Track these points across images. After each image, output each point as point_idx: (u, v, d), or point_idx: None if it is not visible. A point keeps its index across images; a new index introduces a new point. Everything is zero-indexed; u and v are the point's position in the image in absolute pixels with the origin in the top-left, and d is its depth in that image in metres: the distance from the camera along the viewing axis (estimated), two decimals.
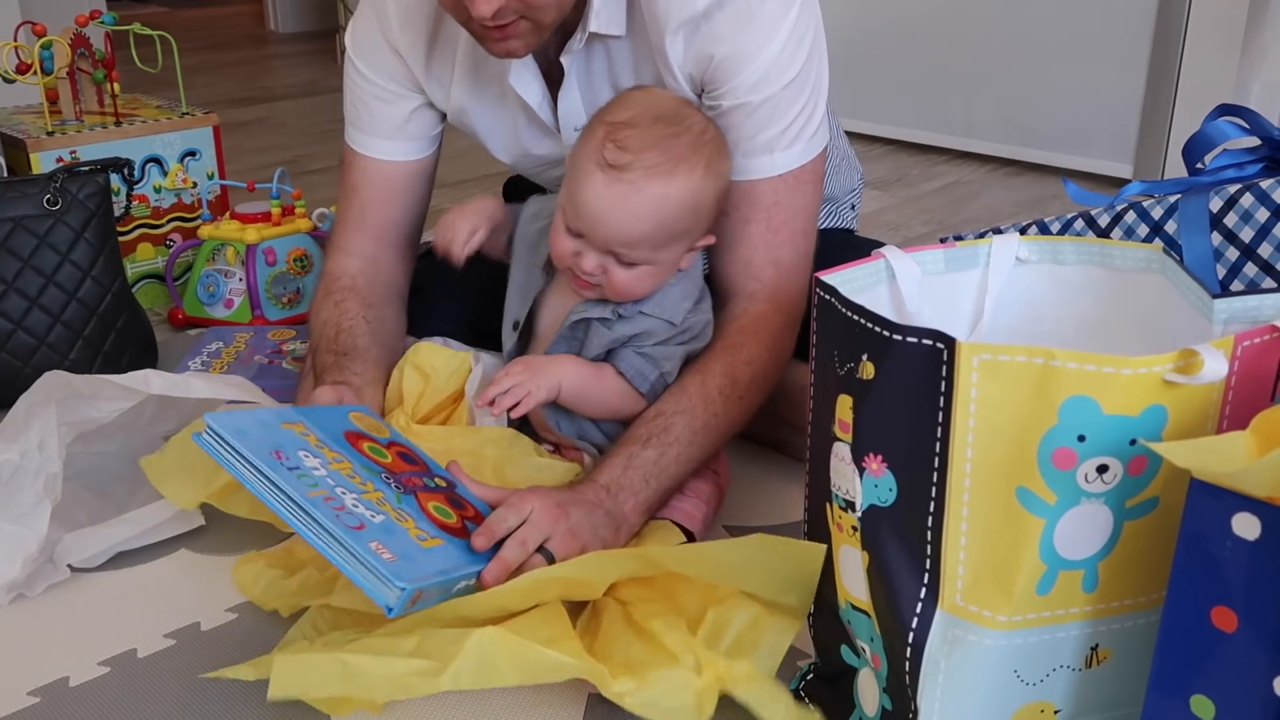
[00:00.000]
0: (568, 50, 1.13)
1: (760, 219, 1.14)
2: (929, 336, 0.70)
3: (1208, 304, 0.77)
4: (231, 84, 3.74)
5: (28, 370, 1.40)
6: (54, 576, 1.08)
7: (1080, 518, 0.69)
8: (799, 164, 1.14)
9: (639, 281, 1.06)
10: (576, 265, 1.05)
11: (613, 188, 1.01)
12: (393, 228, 1.28)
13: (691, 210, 1.03)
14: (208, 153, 1.85)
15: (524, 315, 1.14)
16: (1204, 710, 0.64)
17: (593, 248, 1.04)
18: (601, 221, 1.02)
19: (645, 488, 1.03)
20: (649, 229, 1.02)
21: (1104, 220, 1.15)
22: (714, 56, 1.09)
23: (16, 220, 1.42)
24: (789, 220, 1.15)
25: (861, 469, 0.76)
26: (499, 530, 0.94)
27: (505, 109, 1.22)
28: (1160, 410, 0.67)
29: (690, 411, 1.06)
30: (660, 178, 1.01)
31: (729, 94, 1.11)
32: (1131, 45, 2.38)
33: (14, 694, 0.95)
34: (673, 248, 1.05)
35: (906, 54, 2.71)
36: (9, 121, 1.78)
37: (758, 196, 1.14)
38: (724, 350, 1.11)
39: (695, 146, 1.03)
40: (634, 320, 1.08)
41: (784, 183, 1.14)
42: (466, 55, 1.19)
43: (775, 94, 1.11)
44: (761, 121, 1.11)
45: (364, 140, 1.26)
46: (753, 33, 1.08)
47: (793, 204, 1.15)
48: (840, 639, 0.86)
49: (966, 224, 2.24)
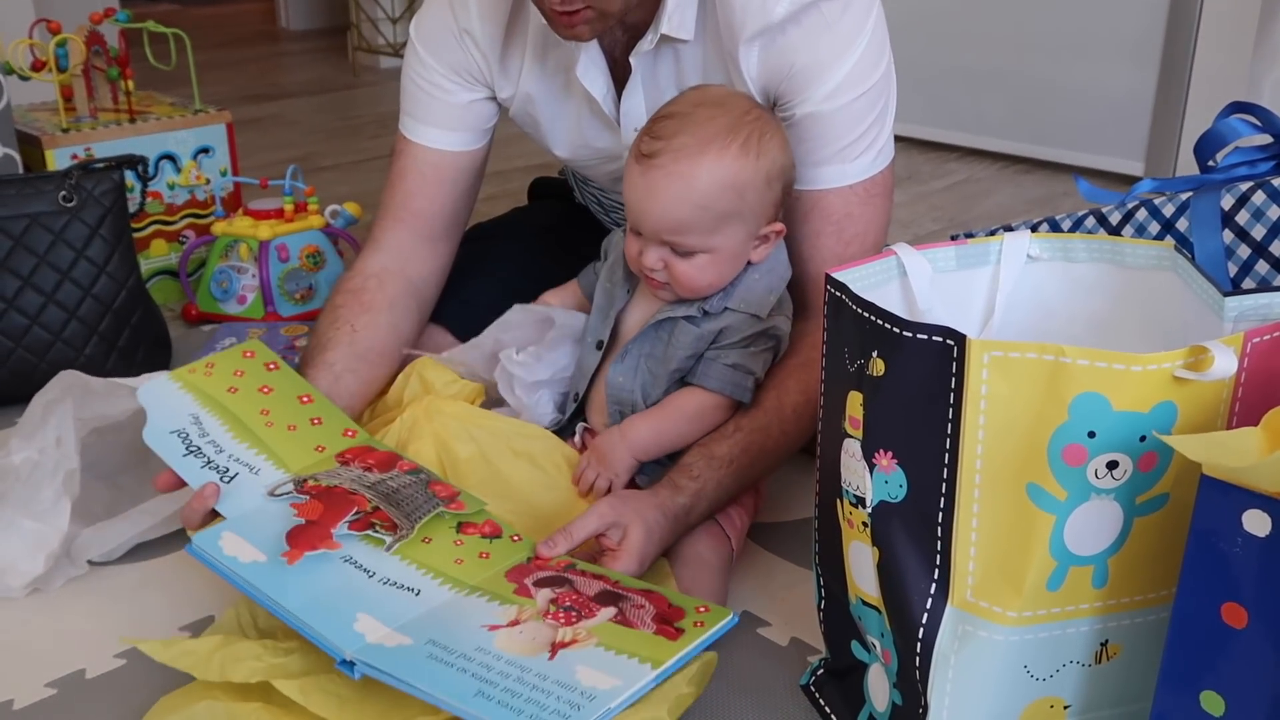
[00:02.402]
0: (637, 51, 1.14)
1: (831, 231, 1.14)
2: (939, 333, 0.70)
3: (1219, 301, 0.77)
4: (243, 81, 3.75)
5: (43, 366, 1.41)
6: (72, 571, 1.09)
7: (1090, 514, 0.69)
8: (869, 175, 1.14)
9: (701, 272, 1.05)
10: (641, 264, 1.06)
11: (647, 175, 1.02)
12: (433, 217, 1.28)
13: (732, 190, 1.02)
14: (221, 149, 1.86)
15: (607, 333, 1.13)
16: (1214, 706, 0.65)
17: (650, 243, 1.05)
18: (643, 211, 1.03)
19: (713, 506, 1.05)
20: (687, 211, 1.01)
21: (1115, 218, 1.15)
22: (791, 67, 1.09)
23: (32, 217, 1.43)
24: (860, 234, 1.15)
25: (872, 465, 0.76)
26: (577, 535, 0.97)
27: (570, 99, 1.23)
28: (1170, 407, 0.67)
29: (765, 430, 1.07)
30: (689, 158, 1.01)
31: (802, 104, 1.10)
32: (1143, 42, 2.37)
33: (32, 685, 0.96)
34: (725, 232, 1.03)
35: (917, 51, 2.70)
36: (24, 119, 1.79)
37: (829, 208, 1.14)
38: (799, 367, 1.10)
39: (731, 126, 1.02)
40: (720, 317, 1.07)
41: (855, 194, 1.14)
42: (536, 45, 1.20)
43: (848, 104, 1.10)
44: (834, 131, 1.11)
45: (417, 128, 1.26)
46: (830, 44, 1.08)
47: (864, 216, 1.15)
48: (850, 634, 0.86)
49: (977, 221, 2.24)
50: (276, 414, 1.05)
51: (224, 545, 0.91)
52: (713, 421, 1.08)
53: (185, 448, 1.01)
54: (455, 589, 0.92)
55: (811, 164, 1.12)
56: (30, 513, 1.05)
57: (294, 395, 1.08)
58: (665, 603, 0.90)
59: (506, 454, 1.09)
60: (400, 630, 0.86)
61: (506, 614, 0.89)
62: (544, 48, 1.21)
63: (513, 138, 1.39)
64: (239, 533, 0.92)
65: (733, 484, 1.05)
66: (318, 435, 1.05)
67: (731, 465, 1.04)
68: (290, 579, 0.89)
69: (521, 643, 0.86)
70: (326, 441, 1.04)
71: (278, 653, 0.89)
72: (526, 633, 0.86)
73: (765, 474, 1.11)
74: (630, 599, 0.90)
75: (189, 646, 0.89)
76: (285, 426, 1.04)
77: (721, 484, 1.04)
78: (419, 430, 1.09)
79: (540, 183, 1.69)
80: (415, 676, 0.81)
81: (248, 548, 0.91)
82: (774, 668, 0.98)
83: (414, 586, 0.91)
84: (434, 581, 0.92)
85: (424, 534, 0.96)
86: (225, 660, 0.87)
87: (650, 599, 0.90)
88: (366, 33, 3.80)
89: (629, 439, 1.07)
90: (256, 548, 0.91)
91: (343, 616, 0.86)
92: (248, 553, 0.90)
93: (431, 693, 0.80)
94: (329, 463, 1.02)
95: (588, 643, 0.85)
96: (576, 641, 0.85)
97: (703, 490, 1.02)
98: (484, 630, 0.87)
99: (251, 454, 1.01)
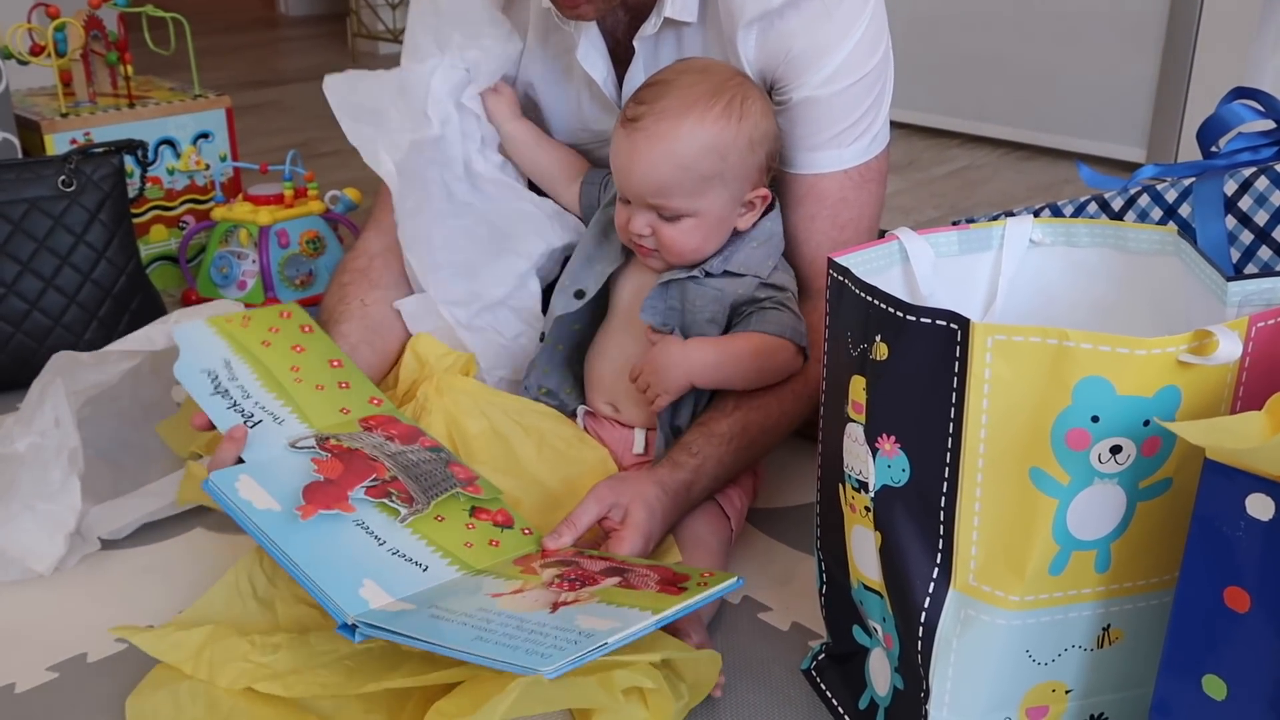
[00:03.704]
0: (641, 34, 1.14)
1: (826, 215, 1.15)
2: (943, 317, 0.70)
3: (1222, 287, 0.77)
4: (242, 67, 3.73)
5: (43, 351, 1.41)
6: (85, 549, 1.10)
7: (1093, 498, 0.69)
8: (864, 159, 1.15)
9: (686, 236, 1.05)
10: (629, 231, 1.06)
11: (631, 138, 1.03)
12: None
13: (714, 152, 1.02)
14: (220, 135, 1.85)
15: (591, 285, 1.12)
16: (1216, 690, 0.65)
17: (638, 208, 1.05)
18: (628, 173, 1.04)
19: (714, 483, 1.05)
20: (669, 172, 1.02)
21: (1117, 203, 1.14)
22: (789, 51, 1.09)
23: (31, 201, 1.42)
24: (855, 218, 1.16)
25: (874, 449, 0.76)
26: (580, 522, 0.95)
27: (570, 82, 1.24)
28: (1174, 391, 0.67)
29: (765, 409, 1.07)
30: (670, 119, 1.01)
31: (799, 88, 1.11)
32: (1145, 28, 2.36)
33: (34, 669, 0.96)
34: (708, 195, 1.03)
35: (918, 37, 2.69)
36: (23, 103, 1.78)
37: (824, 192, 1.14)
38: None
39: (713, 91, 1.03)
40: (720, 279, 1.07)
41: (849, 179, 1.14)
42: (538, 28, 1.21)
43: (845, 89, 1.11)
44: (830, 116, 1.11)
45: None
46: (828, 30, 1.08)
47: (858, 201, 1.15)
48: (852, 619, 0.86)
49: (978, 208, 2.23)
50: (306, 372, 1.06)
51: (240, 488, 0.90)
52: (775, 365, 1.06)
53: (214, 387, 1.02)
54: (462, 570, 0.92)
55: (807, 148, 1.13)
56: (42, 495, 1.06)
57: (325, 358, 1.09)
58: (670, 572, 0.90)
59: (517, 431, 1.09)
60: (404, 600, 0.86)
61: (511, 585, 0.89)
62: (545, 31, 1.21)
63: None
64: (256, 478, 0.92)
65: (732, 461, 1.05)
66: (344, 398, 1.05)
67: (731, 443, 1.04)
68: (301, 533, 0.88)
69: (524, 603, 0.85)
70: (352, 406, 1.04)
71: (265, 649, 0.89)
72: (529, 596, 0.86)
73: (764, 453, 1.11)
74: (636, 571, 0.90)
75: (179, 639, 0.90)
76: (313, 385, 1.05)
77: (721, 461, 1.04)
78: (430, 405, 1.09)
79: None
80: (416, 631, 0.81)
81: (263, 494, 0.90)
82: (775, 652, 0.98)
83: (422, 562, 0.91)
84: (443, 560, 0.92)
85: (438, 511, 0.95)
86: (214, 659, 0.88)
87: (656, 570, 0.90)
88: (366, 19, 3.79)
89: (690, 360, 1.04)
90: (272, 496, 0.90)
91: (349, 579, 0.86)
92: (262, 499, 0.90)
93: (430, 640, 0.79)
94: (352, 426, 1.02)
95: (589, 600, 0.85)
96: (579, 601, 0.85)
97: (702, 467, 1.02)
98: (487, 597, 0.87)
99: (278, 404, 1.01)
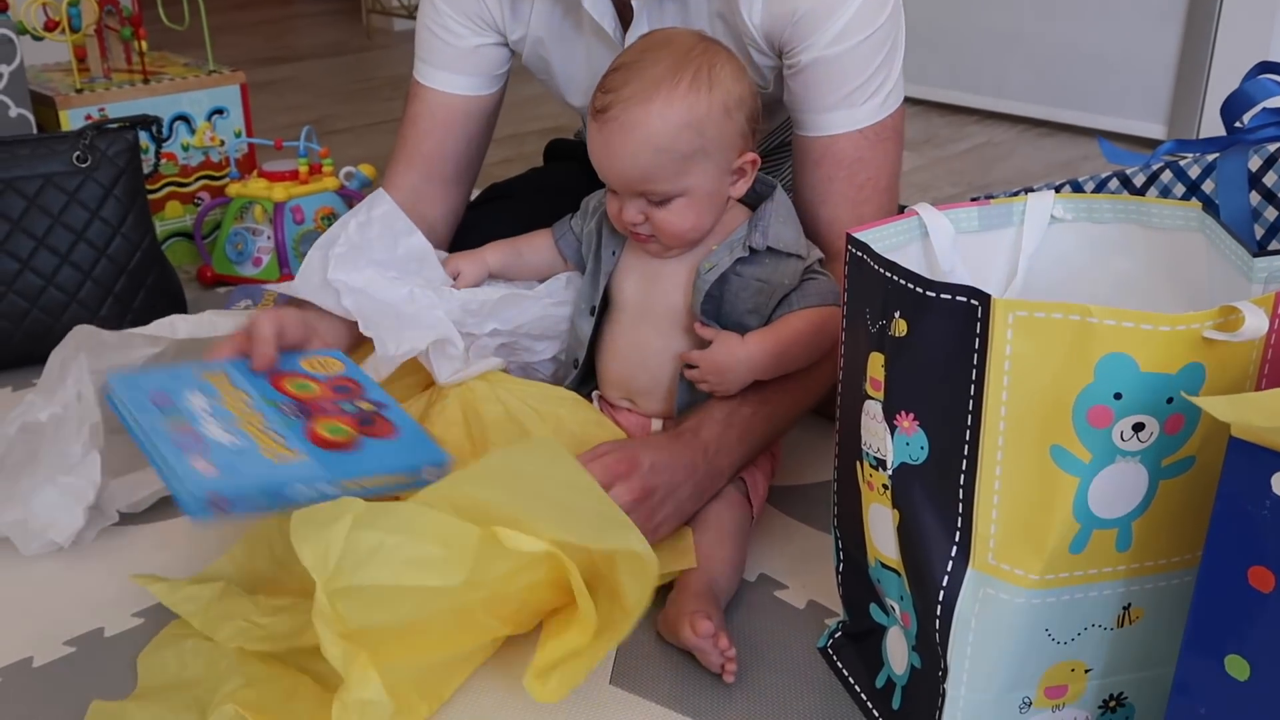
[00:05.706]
0: None
1: (843, 176, 1.14)
2: (964, 293, 0.69)
3: (1248, 263, 0.76)
4: (257, 43, 3.73)
5: (58, 327, 1.41)
6: (103, 522, 1.11)
7: (1115, 476, 0.68)
8: (879, 118, 1.14)
9: (680, 217, 1.03)
10: (623, 221, 1.05)
11: (603, 131, 1.01)
12: (444, 160, 1.29)
13: (689, 128, 1.00)
14: (235, 111, 1.85)
15: (598, 298, 1.12)
16: (1239, 670, 0.64)
17: (626, 197, 1.04)
18: (608, 167, 1.02)
19: (740, 446, 1.03)
20: (648, 158, 1.00)
21: (1139, 180, 1.13)
22: (795, 13, 1.08)
23: (46, 177, 1.42)
24: (872, 177, 1.15)
25: (893, 427, 0.75)
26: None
27: (580, 38, 1.23)
28: (1198, 368, 0.66)
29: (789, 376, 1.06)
30: (638, 105, 0.99)
31: (808, 49, 1.10)
32: (1167, 2, 2.34)
33: (51, 644, 0.96)
34: (694, 172, 1.01)
35: (936, 13, 2.67)
36: (38, 79, 1.78)
37: (839, 153, 1.14)
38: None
39: (676, 65, 1.00)
40: (764, 262, 1.05)
41: (864, 138, 1.14)
42: None
43: (854, 47, 1.09)
44: (841, 76, 1.10)
45: (428, 72, 1.27)
46: None
47: (875, 160, 1.14)
48: (869, 597, 0.86)
49: (997, 185, 2.21)
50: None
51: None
52: (829, 334, 1.04)
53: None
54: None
55: (820, 109, 1.12)
56: (63, 468, 1.07)
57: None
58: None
59: (533, 416, 1.08)
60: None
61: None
62: None
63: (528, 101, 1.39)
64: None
65: (761, 427, 1.04)
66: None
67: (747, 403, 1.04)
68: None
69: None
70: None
71: (268, 611, 0.92)
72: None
73: (788, 418, 1.09)
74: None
75: (192, 592, 0.95)
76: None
77: (749, 424, 1.03)
78: (447, 391, 1.09)
79: (556, 145, 1.68)
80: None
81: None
82: (791, 630, 0.98)
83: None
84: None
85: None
86: (217, 615, 0.92)
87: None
88: None
89: (754, 359, 1.02)
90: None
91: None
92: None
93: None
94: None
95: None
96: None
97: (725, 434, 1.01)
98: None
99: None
